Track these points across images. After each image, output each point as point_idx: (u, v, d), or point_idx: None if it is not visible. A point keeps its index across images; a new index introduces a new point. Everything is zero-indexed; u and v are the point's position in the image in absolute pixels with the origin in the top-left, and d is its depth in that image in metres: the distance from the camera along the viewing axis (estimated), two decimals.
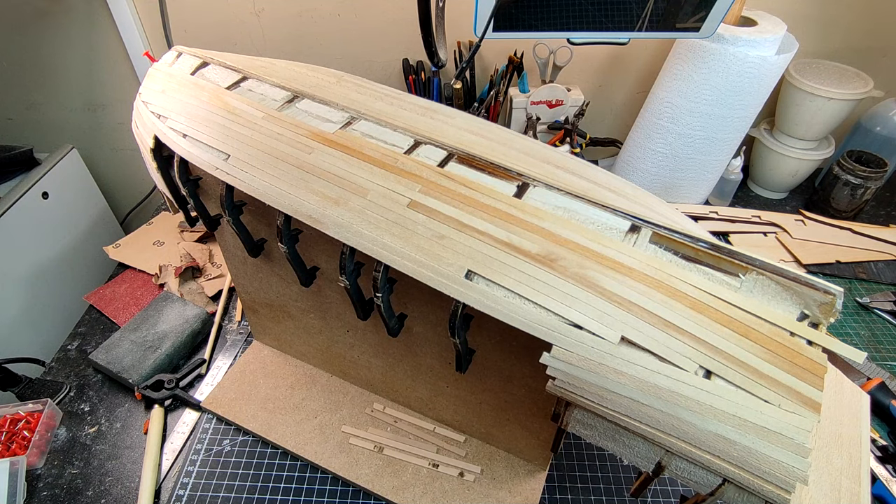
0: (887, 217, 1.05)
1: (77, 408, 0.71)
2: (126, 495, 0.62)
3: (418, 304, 0.49)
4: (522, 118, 1.03)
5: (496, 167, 0.40)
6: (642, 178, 0.99)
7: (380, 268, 0.38)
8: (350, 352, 0.64)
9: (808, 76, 0.95)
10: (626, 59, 1.06)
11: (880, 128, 1.00)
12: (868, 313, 0.85)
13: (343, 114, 0.46)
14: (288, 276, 0.58)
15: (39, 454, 0.65)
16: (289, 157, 0.42)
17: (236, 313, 0.84)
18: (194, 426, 0.69)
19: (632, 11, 0.70)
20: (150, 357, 0.73)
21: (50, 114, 1.17)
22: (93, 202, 1.19)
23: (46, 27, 1.04)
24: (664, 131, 0.92)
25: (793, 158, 1.02)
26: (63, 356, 0.78)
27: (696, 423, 0.27)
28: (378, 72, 1.09)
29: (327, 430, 0.66)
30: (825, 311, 0.30)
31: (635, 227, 0.36)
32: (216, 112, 0.47)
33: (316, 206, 0.39)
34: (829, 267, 0.91)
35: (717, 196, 1.04)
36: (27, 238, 1.00)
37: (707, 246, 0.32)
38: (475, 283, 0.34)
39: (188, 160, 0.46)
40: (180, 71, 0.53)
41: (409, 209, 0.38)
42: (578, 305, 0.34)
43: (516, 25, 0.71)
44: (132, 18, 1.00)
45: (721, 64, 0.81)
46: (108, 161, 1.25)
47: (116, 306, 0.84)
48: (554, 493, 0.62)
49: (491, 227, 0.36)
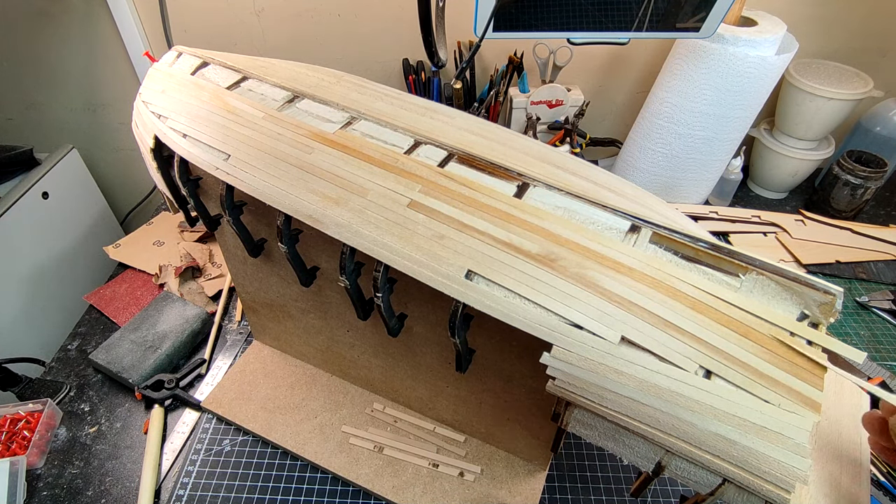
0: (887, 217, 1.05)
1: (77, 408, 0.71)
2: (126, 495, 0.62)
3: (418, 304, 0.49)
4: (522, 118, 1.03)
5: (496, 167, 0.40)
6: (642, 178, 0.99)
7: (380, 268, 0.38)
8: (350, 352, 0.64)
9: (808, 76, 0.95)
10: (626, 59, 1.06)
11: (880, 128, 1.00)
12: (868, 313, 0.85)
13: (343, 114, 0.46)
14: (288, 276, 0.58)
15: (39, 454, 0.65)
16: (289, 157, 0.42)
17: (236, 313, 0.84)
18: (194, 426, 0.69)
19: (632, 11, 0.70)
20: (150, 357, 0.73)
21: (50, 114, 1.17)
22: (93, 202, 1.19)
23: (46, 27, 1.04)
24: (664, 131, 0.93)
25: (793, 158, 1.02)
26: (63, 356, 0.78)
27: (696, 422, 0.27)
28: (378, 72, 1.09)
29: (327, 430, 0.66)
30: (825, 311, 0.30)
31: (635, 227, 0.36)
32: (216, 112, 0.47)
33: (316, 206, 0.39)
34: (829, 267, 0.91)
35: (717, 196, 1.04)
36: (27, 238, 1.00)
37: (707, 246, 0.32)
38: (475, 283, 0.34)
39: (188, 160, 0.46)
40: (180, 71, 0.53)
41: (409, 209, 0.38)
42: (578, 305, 0.34)
43: (516, 25, 0.71)
44: (132, 18, 1.00)
45: (721, 64, 0.81)
46: (108, 161, 1.25)
47: (116, 306, 0.84)
48: (554, 493, 0.62)
49: (491, 227, 0.36)
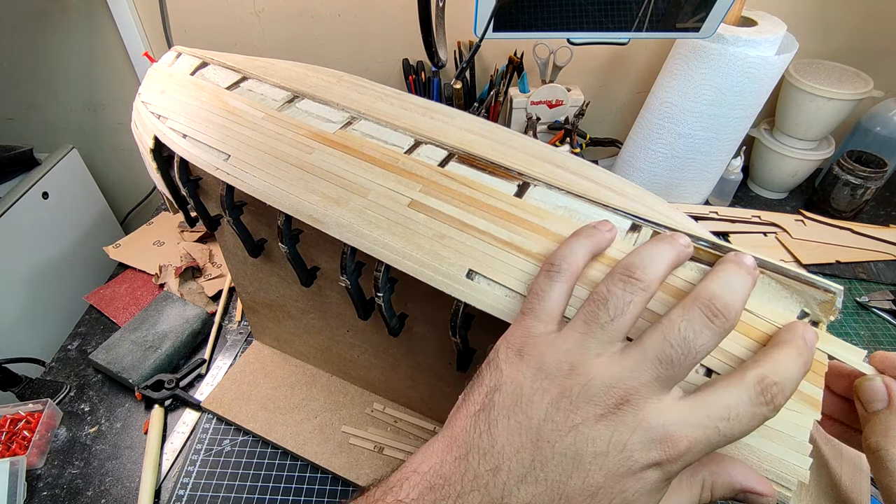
0: (887, 217, 1.05)
1: (77, 408, 0.71)
2: (126, 495, 0.62)
3: (419, 303, 0.49)
4: (522, 118, 1.03)
5: (497, 167, 0.40)
6: (642, 178, 0.99)
7: (381, 267, 0.38)
8: (350, 352, 0.64)
9: (808, 76, 0.95)
10: (626, 59, 1.06)
11: (880, 128, 1.00)
12: (868, 313, 0.85)
13: (343, 114, 0.46)
14: (288, 276, 0.58)
15: (39, 454, 0.65)
16: (289, 157, 0.42)
17: (236, 313, 0.84)
18: (194, 426, 0.69)
19: (632, 11, 0.70)
20: (150, 357, 0.73)
21: (50, 114, 1.17)
22: (93, 202, 1.19)
23: (46, 27, 1.04)
24: (664, 131, 0.93)
25: (793, 158, 1.02)
26: (63, 356, 0.78)
27: None
28: (378, 72, 1.09)
29: (327, 430, 0.66)
30: (825, 310, 0.30)
31: (636, 227, 0.36)
32: (216, 112, 0.47)
33: (317, 206, 0.39)
34: (829, 267, 0.92)
35: (717, 196, 1.05)
36: (27, 238, 1.00)
37: (708, 245, 0.32)
38: (476, 283, 0.34)
39: (188, 160, 0.46)
40: (180, 71, 0.53)
41: (409, 209, 0.38)
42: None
43: (516, 25, 0.71)
44: (132, 18, 1.00)
45: (721, 64, 0.81)
46: (108, 161, 1.25)
47: (116, 306, 0.84)
48: None
49: (492, 227, 0.36)
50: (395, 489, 0.26)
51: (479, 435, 0.25)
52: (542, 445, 0.24)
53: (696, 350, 0.24)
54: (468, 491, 0.24)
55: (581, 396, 0.24)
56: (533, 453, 0.24)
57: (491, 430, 0.25)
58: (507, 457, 0.24)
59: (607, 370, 0.25)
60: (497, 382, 0.27)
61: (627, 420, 0.24)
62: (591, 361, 0.25)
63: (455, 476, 0.25)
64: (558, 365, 0.26)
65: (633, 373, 0.24)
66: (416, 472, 0.26)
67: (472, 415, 0.26)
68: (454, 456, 0.26)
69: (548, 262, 0.31)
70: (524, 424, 0.25)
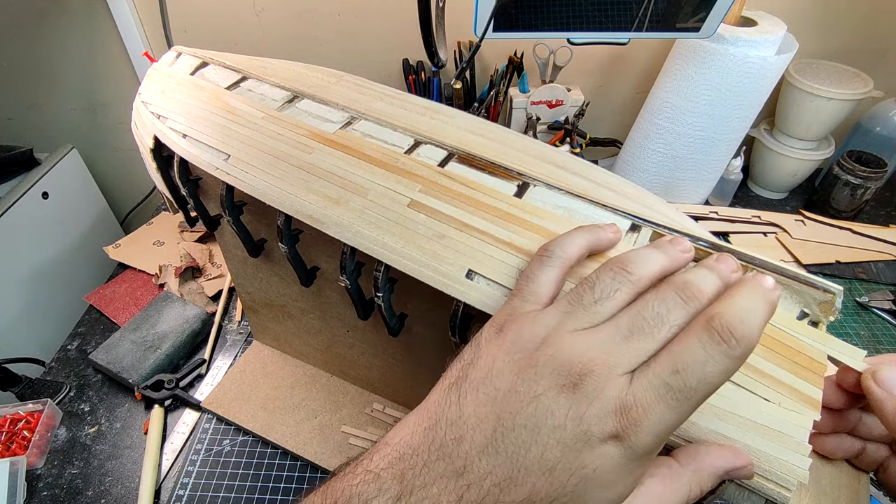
0: (887, 217, 1.05)
1: (77, 408, 0.71)
2: (126, 495, 0.62)
3: (419, 303, 0.49)
4: (522, 118, 1.03)
5: (496, 167, 0.40)
6: (642, 178, 0.99)
7: (380, 267, 0.38)
8: (350, 352, 0.64)
9: (808, 76, 0.95)
10: (626, 59, 1.06)
11: (880, 128, 1.00)
12: (868, 313, 0.85)
13: (343, 114, 0.46)
14: (288, 276, 0.58)
15: (39, 454, 0.65)
16: (289, 158, 0.42)
17: (236, 313, 0.84)
18: (194, 426, 0.69)
19: (632, 11, 0.70)
20: (150, 357, 0.73)
21: (50, 114, 1.17)
22: (93, 202, 1.19)
23: (46, 27, 1.04)
24: (664, 131, 0.93)
25: (793, 158, 1.02)
26: (63, 356, 0.78)
27: (696, 421, 0.27)
28: (378, 72, 1.09)
29: (327, 430, 0.66)
30: (825, 310, 0.30)
31: (636, 227, 0.36)
32: (216, 112, 0.47)
33: (316, 206, 0.39)
34: (829, 267, 0.92)
35: (717, 196, 1.05)
36: (27, 238, 1.00)
37: (707, 245, 0.32)
38: (476, 283, 0.34)
39: (188, 160, 0.46)
40: (180, 71, 0.53)
41: (409, 209, 0.38)
42: None
43: (516, 25, 0.71)
44: (132, 18, 1.00)
45: (721, 64, 0.81)
46: (108, 161, 1.25)
47: (116, 306, 0.84)
48: None
49: (492, 227, 0.36)
50: (365, 461, 0.26)
51: (449, 406, 0.25)
52: (503, 416, 0.24)
53: (668, 324, 0.24)
54: (434, 460, 0.24)
55: (545, 366, 0.24)
56: (495, 424, 0.24)
57: (460, 402, 0.25)
58: (470, 426, 0.24)
59: (577, 342, 0.24)
60: (473, 357, 0.27)
61: (588, 391, 0.23)
62: (565, 335, 0.25)
63: (423, 446, 0.25)
64: (533, 338, 0.25)
65: (602, 344, 0.24)
66: (388, 443, 0.26)
67: (445, 388, 0.27)
68: (423, 427, 0.26)
69: (542, 247, 0.31)
70: (490, 395, 0.25)
